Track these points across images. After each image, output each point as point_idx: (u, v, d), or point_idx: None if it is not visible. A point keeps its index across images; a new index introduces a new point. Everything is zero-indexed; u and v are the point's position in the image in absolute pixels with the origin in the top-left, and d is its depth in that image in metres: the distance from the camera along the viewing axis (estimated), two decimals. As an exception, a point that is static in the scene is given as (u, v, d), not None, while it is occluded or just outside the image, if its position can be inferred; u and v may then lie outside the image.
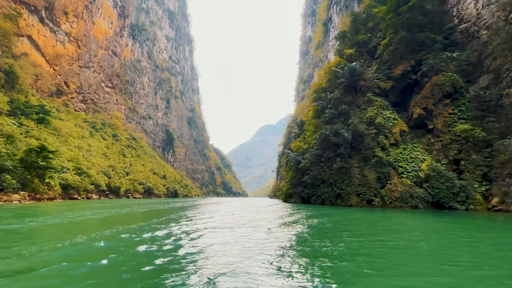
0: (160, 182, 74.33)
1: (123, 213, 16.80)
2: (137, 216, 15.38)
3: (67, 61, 70.80)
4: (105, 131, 74.59)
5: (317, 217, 15.65)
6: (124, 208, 21.73)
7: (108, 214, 15.67)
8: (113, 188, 44.04)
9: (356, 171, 28.57)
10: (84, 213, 15.89)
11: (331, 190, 29.64)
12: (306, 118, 45.20)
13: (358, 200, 27.01)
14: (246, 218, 14.27)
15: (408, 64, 31.15)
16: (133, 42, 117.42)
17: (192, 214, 16.70)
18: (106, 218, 13.84)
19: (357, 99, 34.38)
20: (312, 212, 19.31)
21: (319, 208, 25.58)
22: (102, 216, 14.43)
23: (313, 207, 26.22)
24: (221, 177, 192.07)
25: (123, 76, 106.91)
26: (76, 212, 16.13)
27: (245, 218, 14.55)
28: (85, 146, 49.05)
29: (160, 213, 17.23)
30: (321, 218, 15.01)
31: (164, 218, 13.94)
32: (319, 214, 17.51)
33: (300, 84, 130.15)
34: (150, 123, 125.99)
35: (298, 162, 37.04)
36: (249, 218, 14.33)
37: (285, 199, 41.20)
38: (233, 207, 26.38)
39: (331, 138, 30.78)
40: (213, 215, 16.38)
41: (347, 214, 17.86)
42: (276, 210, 22.50)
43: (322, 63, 79.67)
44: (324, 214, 17.48)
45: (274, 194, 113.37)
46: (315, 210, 21.47)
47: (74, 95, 73.55)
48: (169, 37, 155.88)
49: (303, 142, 40.98)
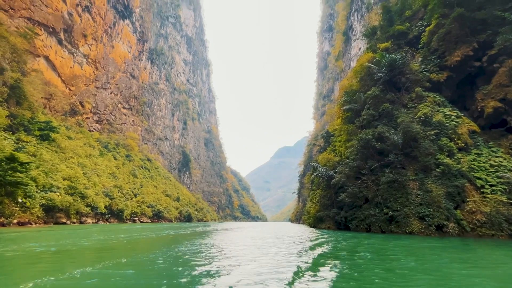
0: (173, 205, 68.94)
1: (87, 245, 11.00)
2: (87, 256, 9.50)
3: (83, 82, 70.92)
4: (118, 151, 72.03)
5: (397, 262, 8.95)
6: (108, 234, 15.99)
7: (61, 247, 9.93)
8: (115, 211, 38.98)
9: (414, 185, 21.28)
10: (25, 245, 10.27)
11: (379, 212, 22.29)
12: (334, 127, 38.79)
13: (421, 226, 19.45)
14: (272, 267, 7.92)
15: (469, 47, 24.53)
16: (151, 65, 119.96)
17: (180, 252, 10.54)
18: (38, 255, 8.07)
19: (401, 96, 27.80)
20: (367, 248, 12.47)
21: (367, 237, 18.37)
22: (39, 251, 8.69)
23: (357, 236, 19.04)
24: (238, 200, 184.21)
25: (140, 98, 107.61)
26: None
27: (271, 265, 8.19)
28: (90, 165, 45.36)
29: (132, 248, 11.26)
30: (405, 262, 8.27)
31: (131, 258, 7.93)
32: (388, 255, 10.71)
33: (319, 100, 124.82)
34: (167, 144, 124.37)
35: (329, 178, 30.14)
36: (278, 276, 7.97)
37: (314, 224, 33.71)
38: (249, 238, 19.91)
39: (374, 144, 24.03)
40: (216, 253, 10.18)
41: (422, 253, 10.86)
42: (314, 249, 15.77)
43: (344, 74, 74.29)
44: (393, 253, 10.64)
45: (296, 218, 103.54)
46: (369, 244, 14.51)
47: (89, 115, 72.74)
48: (187, 61, 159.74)
49: (332, 154, 34.22)
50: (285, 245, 12.74)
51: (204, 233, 22.98)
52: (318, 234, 21.18)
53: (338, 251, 10.87)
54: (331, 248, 11.77)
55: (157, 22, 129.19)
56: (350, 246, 12.88)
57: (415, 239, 16.76)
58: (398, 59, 27.76)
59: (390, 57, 28.04)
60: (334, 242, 14.56)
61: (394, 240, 16.11)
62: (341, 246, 12.69)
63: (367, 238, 17.48)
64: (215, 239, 16.34)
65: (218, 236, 19.53)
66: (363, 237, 17.91)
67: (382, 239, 16.50)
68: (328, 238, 17.51)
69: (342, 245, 13.10)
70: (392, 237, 17.74)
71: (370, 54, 32.98)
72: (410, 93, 27.44)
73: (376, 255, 9.61)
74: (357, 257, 9.13)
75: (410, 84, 27.85)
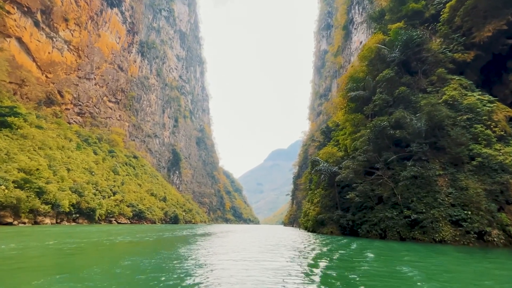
0: (158, 205, 63.66)
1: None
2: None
3: (63, 69, 65.23)
4: (100, 146, 66.43)
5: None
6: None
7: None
8: (84, 210, 33.81)
9: (443, 182, 17.18)
10: None
11: (398, 215, 18.08)
12: (337, 119, 34.73)
13: (456, 233, 15.32)
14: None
15: (502, 21, 20.78)
16: (141, 59, 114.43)
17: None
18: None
19: (418, 80, 23.87)
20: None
21: (386, 246, 14.15)
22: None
23: (371, 245, 14.78)
24: (230, 202, 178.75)
25: (128, 92, 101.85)
26: None
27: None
28: (62, 158, 40.03)
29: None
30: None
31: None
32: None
33: (315, 100, 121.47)
34: (156, 142, 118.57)
35: (333, 175, 25.90)
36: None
37: (313, 229, 29.36)
38: (237, 247, 15.47)
39: (390, 133, 19.90)
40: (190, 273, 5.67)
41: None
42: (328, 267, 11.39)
43: (343, 70, 70.85)
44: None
45: (290, 221, 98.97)
46: (397, 259, 10.24)
47: (69, 106, 66.95)
48: (180, 56, 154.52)
49: (335, 149, 30.05)
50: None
51: (185, 238, 18.34)
52: (321, 241, 16.82)
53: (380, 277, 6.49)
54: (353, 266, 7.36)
55: (149, 14, 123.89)
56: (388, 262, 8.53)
57: (452, 251, 12.64)
58: (415, 36, 23.87)
59: (405, 34, 24.13)
60: (353, 252, 10.20)
61: (428, 252, 11.88)
62: (371, 263, 8.32)
63: (394, 250, 13.21)
64: (191, 249, 11.79)
65: (203, 242, 14.98)
66: (386, 247, 13.63)
67: (413, 251, 12.24)
68: (336, 246, 13.16)
69: (368, 260, 8.74)
70: (422, 248, 13.52)
71: (379, 36, 29.09)
72: (429, 76, 23.54)
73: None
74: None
75: (428, 66, 23.97)
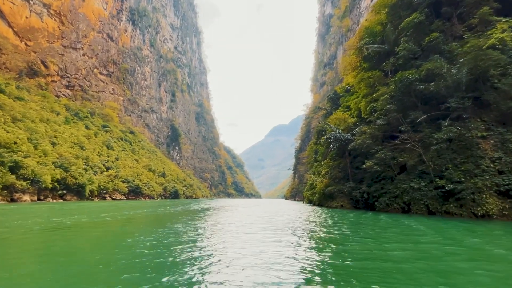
0: (156, 180, 61.79)
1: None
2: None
3: (45, 37, 59.74)
4: (92, 121, 63.05)
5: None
6: None
7: None
8: (72, 186, 31.41)
9: (486, 145, 13.98)
10: None
11: (426, 185, 15.15)
12: (348, 82, 30.82)
13: (504, 206, 12.43)
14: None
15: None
16: (133, 27, 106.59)
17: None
18: None
19: (453, 26, 19.68)
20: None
21: (418, 223, 11.34)
22: None
23: (397, 221, 11.98)
24: (232, 177, 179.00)
25: (121, 63, 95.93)
26: None
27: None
28: (46, 132, 36.89)
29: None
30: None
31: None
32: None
33: (319, 70, 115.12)
34: (153, 117, 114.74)
35: (344, 143, 22.72)
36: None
37: (320, 202, 26.90)
38: (238, 221, 12.67)
39: (419, 88, 16.31)
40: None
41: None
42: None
43: (351, 33, 64.81)
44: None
45: (292, 195, 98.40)
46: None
47: (55, 78, 62.43)
48: (174, 26, 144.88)
49: (347, 114, 26.56)
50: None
51: (185, 213, 15.70)
52: (332, 216, 14.12)
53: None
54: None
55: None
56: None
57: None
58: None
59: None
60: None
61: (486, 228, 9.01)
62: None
63: (432, 228, 10.37)
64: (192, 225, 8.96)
65: (206, 217, 12.27)
66: (421, 224, 10.78)
67: (458, 229, 9.37)
68: (365, 220, 10.33)
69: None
70: (463, 224, 10.67)
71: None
72: (466, 21, 19.32)
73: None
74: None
75: (465, 9, 19.63)
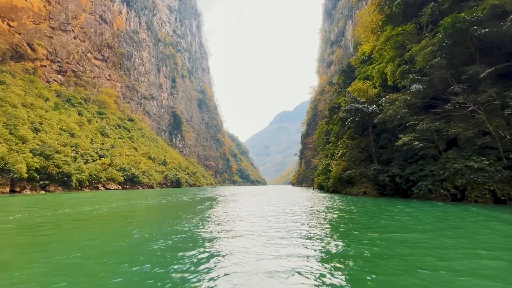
0: (157, 168, 58.81)
1: None
2: None
3: (30, 18, 55.40)
4: (86, 107, 59.58)
5: None
6: None
7: None
8: (56, 176, 28.27)
9: None
10: None
11: (491, 164, 11.18)
12: (366, 49, 26.20)
13: None
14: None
15: None
16: (127, 9, 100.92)
17: None
18: None
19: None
20: None
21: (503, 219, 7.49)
22: None
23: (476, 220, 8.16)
24: (237, 165, 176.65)
25: (116, 48, 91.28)
26: None
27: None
28: (30, 118, 33.50)
29: None
30: None
31: None
32: None
33: (325, 50, 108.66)
34: (154, 104, 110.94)
35: (367, 117, 18.61)
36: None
37: (335, 189, 23.16)
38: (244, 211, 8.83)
39: (478, 34, 11.95)
40: None
41: None
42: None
43: (362, 3, 58.70)
44: None
45: (298, 181, 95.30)
46: None
47: (45, 62, 58.56)
48: (172, 8, 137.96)
49: (368, 83, 22.22)
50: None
51: (175, 206, 12.14)
52: (373, 211, 10.37)
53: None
54: None
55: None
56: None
57: None
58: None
59: None
60: None
61: None
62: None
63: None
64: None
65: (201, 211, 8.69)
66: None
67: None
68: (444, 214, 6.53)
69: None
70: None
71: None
72: None
73: None
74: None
75: None
